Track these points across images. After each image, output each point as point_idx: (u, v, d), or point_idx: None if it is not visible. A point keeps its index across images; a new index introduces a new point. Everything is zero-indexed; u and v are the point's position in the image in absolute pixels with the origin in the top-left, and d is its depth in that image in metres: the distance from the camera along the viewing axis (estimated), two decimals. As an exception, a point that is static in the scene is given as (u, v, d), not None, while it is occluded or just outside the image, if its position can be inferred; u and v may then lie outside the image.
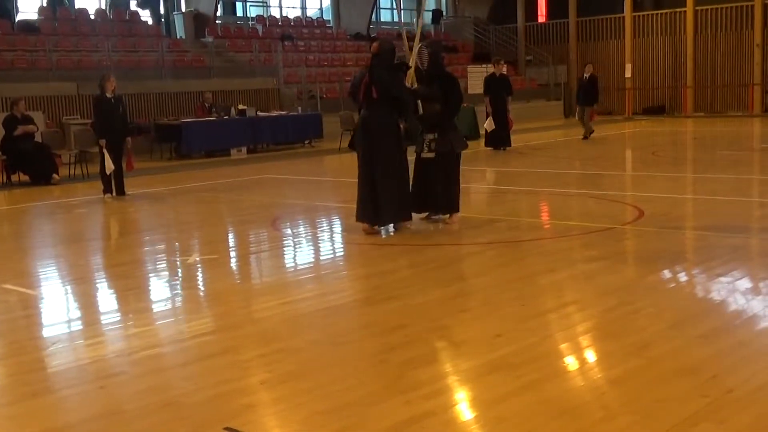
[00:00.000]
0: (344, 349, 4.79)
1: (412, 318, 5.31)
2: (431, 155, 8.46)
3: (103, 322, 5.66)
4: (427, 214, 8.81)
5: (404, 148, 8.24)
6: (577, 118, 20.06)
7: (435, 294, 5.93)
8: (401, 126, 8.15)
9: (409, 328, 5.07)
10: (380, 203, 8.06)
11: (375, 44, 8.28)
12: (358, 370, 4.40)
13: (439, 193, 8.53)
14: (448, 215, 8.64)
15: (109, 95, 11.77)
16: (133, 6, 25.29)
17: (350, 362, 4.53)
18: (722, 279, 5.99)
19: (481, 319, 5.26)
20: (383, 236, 8.08)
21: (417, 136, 8.39)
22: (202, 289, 6.68)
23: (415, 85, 8.33)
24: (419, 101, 8.32)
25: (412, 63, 8.46)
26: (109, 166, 11.66)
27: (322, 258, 7.80)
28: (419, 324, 5.18)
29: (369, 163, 8.08)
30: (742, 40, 27.22)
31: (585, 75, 19.87)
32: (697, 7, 27.70)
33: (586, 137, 19.26)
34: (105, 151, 11.62)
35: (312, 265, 7.52)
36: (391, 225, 8.28)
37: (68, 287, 6.89)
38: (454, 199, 8.63)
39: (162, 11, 26.17)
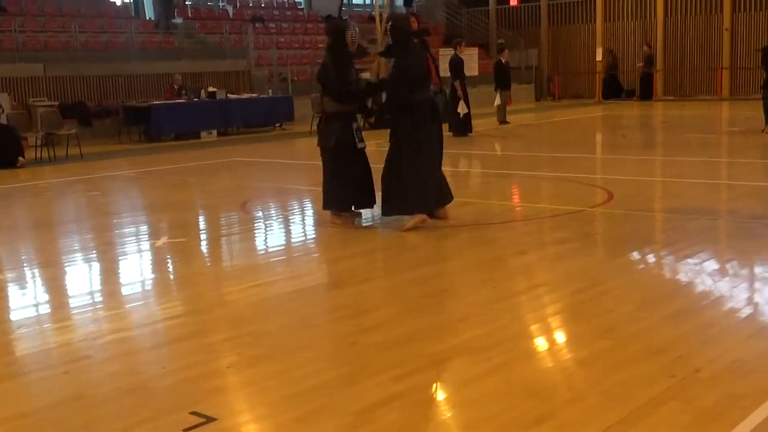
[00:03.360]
0: (314, 332, 4.77)
1: (382, 301, 5.31)
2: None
3: (70, 305, 5.59)
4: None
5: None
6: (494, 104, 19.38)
7: (406, 276, 5.93)
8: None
9: (380, 311, 5.07)
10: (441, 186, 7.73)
11: (414, 21, 7.62)
12: (327, 353, 4.39)
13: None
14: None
15: None
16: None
17: (320, 345, 4.52)
18: (690, 261, 6.04)
19: (451, 301, 5.26)
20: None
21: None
22: (171, 272, 6.62)
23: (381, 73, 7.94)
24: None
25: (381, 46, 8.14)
26: None
27: (292, 241, 7.77)
28: (390, 307, 5.17)
29: (438, 147, 7.64)
30: (711, 24, 27.40)
31: (502, 59, 19.41)
32: (667, -9, 27.83)
33: (503, 122, 19.16)
34: None
35: (282, 248, 7.48)
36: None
37: (35, 271, 6.80)
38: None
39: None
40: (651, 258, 6.37)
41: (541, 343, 4.51)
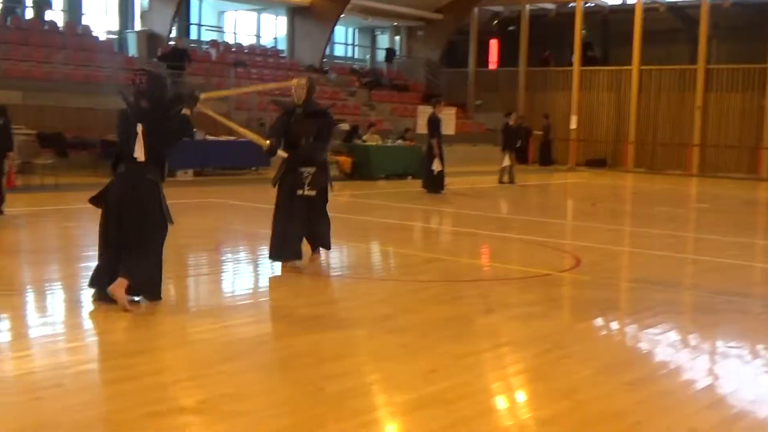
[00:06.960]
0: (281, 375, 4.83)
1: (350, 349, 5.38)
2: (312, 193, 8.12)
3: (30, 336, 5.59)
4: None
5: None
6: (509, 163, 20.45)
7: (373, 327, 6.01)
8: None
9: (347, 359, 5.14)
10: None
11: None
12: (294, 397, 4.45)
13: (324, 231, 8.25)
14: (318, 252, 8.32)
15: None
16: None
17: (287, 389, 4.58)
18: (651, 330, 6.18)
19: (417, 353, 5.35)
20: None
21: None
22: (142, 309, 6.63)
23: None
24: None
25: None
26: None
27: (262, 285, 7.82)
28: (357, 355, 5.25)
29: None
30: (684, 102, 28.11)
31: (510, 122, 20.75)
32: (642, 67, 28.54)
33: (511, 182, 20.07)
34: None
35: (251, 291, 7.53)
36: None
37: (7, 300, 6.79)
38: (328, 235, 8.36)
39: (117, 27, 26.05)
40: (614, 325, 6.52)
41: (503, 401, 4.61)
